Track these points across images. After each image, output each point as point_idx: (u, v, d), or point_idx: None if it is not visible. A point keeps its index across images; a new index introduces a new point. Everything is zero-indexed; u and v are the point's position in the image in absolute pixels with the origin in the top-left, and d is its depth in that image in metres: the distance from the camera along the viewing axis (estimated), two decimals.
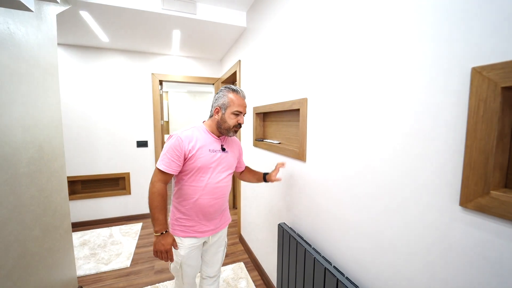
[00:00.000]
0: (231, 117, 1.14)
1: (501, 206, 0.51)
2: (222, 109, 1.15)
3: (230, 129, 1.16)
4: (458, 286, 0.60)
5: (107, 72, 2.80)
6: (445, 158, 0.62)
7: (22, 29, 1.17)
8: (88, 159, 2.81)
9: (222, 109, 1.15)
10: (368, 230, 0.87)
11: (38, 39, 1.32)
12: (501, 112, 0.52)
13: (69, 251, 1.64)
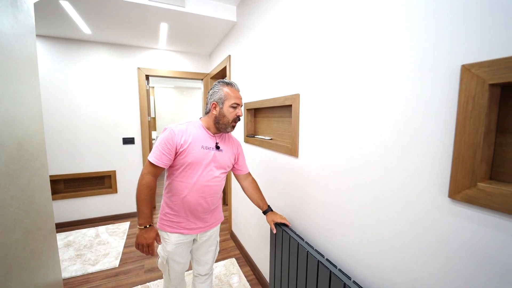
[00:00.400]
0: (229, 110, 1.12)
1: (487, 197, 0.54)
2: (220, 103, 1.12)
3: (229, 124, 1.13)
4: (447, 275, 0.63)
5: (91, 66, 2.67)
6: (435, 152, 0.64)
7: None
8: (71, 157, 2.70)
9: (219, 104, 1.12)
10: (358, 222, 0.89)
11: (14, 29, 1.23)
12: (488, 108, 0.54)
13: (53, 253, 1.57)
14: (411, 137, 0.70)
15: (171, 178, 1.15)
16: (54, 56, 2.53)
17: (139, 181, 1.08)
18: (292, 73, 1.29)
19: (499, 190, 0.52)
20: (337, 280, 0.89)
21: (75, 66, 2.61)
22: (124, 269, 1.97)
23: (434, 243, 0.65)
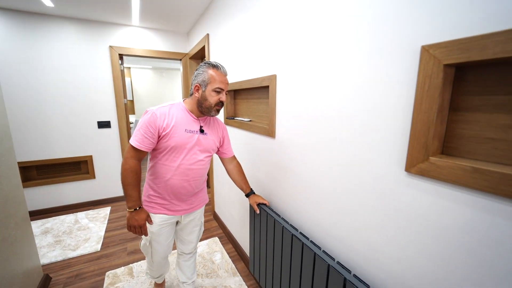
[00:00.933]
0: (212, 94, 1.07)
1: (436, 169, 0.60)
2: (202, 86, 1.08)
3: (212, 108, 1.10)
4: (403, 242, 0.70)
5: (57, 44, 2.46)
6: (395, 129, 0.68)
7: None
8: (41, 142, 2.55)
9: (202, 86, 1.08)
10: (330, 197, 0.95)
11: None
12: (442, 87, 0.58)
13: (29, 239, 1.53)
14: (375, 115, 0.74)
15: (154, 161, 1.14)
16: (14, 33, 2.29)
17: (122, 165, 1.06)
18: (269, 54, 1.28)
19: (447, 163, 0.58)
20: (309, 251, 0.96)
21: (39, 44, 2.39)
22: (106, 252, 1.98)
23: (394, 214, 0.72)
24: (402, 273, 0.71)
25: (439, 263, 0.62)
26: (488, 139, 0.56)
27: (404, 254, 0.70)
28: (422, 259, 0.65)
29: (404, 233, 0.69)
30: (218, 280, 1.67)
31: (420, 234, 0.65)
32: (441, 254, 0.61)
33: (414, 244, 0.67)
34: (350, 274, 0.81)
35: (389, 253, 0.74)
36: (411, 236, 0.67)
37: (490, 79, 0.55)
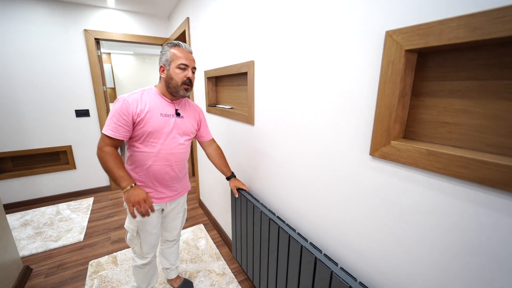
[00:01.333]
0: (176, 72, 1.05)
1: (396, 153, 0.63)
2: (166, 65, 1.06)
3: (179, 87, 1.07)
4: (369, 218, 0.74)
5: (26, 27, 2.29)
6: (363, 114, 0.70)
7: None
8: (15, 132, 2.43)
9: (166, 66, 1.06)
10: (303, 180, 0.98)
11: None
12: (404, 72, 0.60)
13: (4, 231, 1.50)
14: (346, 100, 0.75)
15: (132, 150, 1.11)
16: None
17: (98, 154, 1.01)
18: (247, 40, 1.25)
19: (405, 146, 0.60)
20: (284, 234, 1.00)
21: (6, 26, 2.22)
22: (90, 242, 1.96)
23: (360, 195, 0.75)
24: (366, 249, 0.75)
25: (396, 239, 0.66)
26: (444, 123, 0.58)
27: (366, 231, 0.74)
28: (381, 235, 0.70)
29: (368, 212, 0.73)
30: (202, 264, 1.71)
31: (381, 213, 0.69)
32: (398, 231, 0.65)
33: (375, 221, 0.71)
34: (321, 254, 0.85)
35: (353, 231, 0.78)
36: (374, 215, 0.71)
37: (448, 65, 0.57)
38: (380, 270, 0.72)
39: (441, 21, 0.51)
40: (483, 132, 0.52)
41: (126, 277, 1.58)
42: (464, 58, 0.54)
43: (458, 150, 0.54)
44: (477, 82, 0.52)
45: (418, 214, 0.61)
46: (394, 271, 0.68)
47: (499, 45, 0.49)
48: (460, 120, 0.56)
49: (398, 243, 0.66)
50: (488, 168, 0.47)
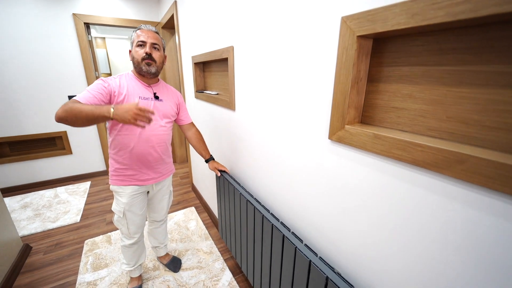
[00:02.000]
0: (136, 50, 1.09)
1: (350, 136, 0.66)
2: (131, 48, 1.11)
3: (140, 63, 1.10)
4: (328, 196, 0.78)
5: (13, 10, 2.26)
6: (324, 100, 0.73)
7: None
8: (10, 118, 2.47)
9: (131, 48, 1.11)
10: (277, 163, 1.02)
11: None
12: (357, 58, 0.61)
13: (3, 212, 1.58)
14: (311, 86, 0.77)
15: (114, 134, 1.14)
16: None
17: (63, 110, 0.88)
18: (227, 25, 1.25)
19: (356, 130, 0.63)
20: (259, 213, 1.05)
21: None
22: (86, 223, 2.06)
23: (320, 176, 0.79)
24: (323, 224, 0.80)
25: (348, 215, 0.71)
26: (394, 108, 0.61)
27: (327, 210, 0.79)
28: (336, 212, 0.74)
29: (327, 191, 0.77)
30: (191, 244, 1.80)
31: (337, 192, 0.73)
32: (350, 209, 0.70)
33: (333, 199, 0.76)
34: (289, 232, 0.91)
35: (315, 209, 0.83)
36: (331, 193, 0.75)
37: (399, 50, 0.58)
38: (335, 243, 0.77)
39: (386, 7, 0.52)
40: (425, 117, 0.55)
41: (119, 255, 1.68)
42: (414, 44, 0.55)
43: (401, 134, 0.57)
44: (423, 68, 0.54)
45: (365, 193, 0.65)
46: (346, 241, 0.73)
47: (441, 30, 0.50)
48: (407, 105, 0.58)
49: (350, 219, 0.71)
50: (421, 150, 0.51)
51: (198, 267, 1.59)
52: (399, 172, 0.56)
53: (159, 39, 1.15)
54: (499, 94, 0.43)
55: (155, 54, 1.12)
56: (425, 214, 0.53)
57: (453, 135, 0.51)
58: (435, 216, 0.51)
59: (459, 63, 0.48)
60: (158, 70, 1.17)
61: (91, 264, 1.61)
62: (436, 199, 0.50)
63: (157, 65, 1.14)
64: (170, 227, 1.99)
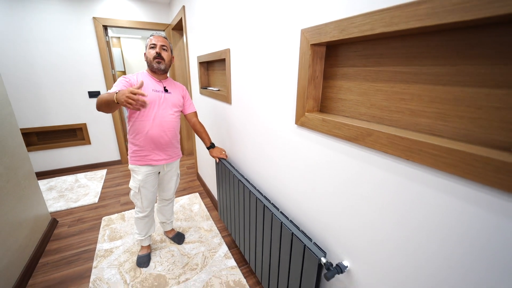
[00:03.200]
0: (149, 51, 1.35)
1: (308, 121, 0.85)
2: (146, 50, 1.37)
3: (152, 61, 1.35)
4: (294, 169, 0.98)
5: (44, 15, 2.56)
6: (293, 93, 0.92)
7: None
8: (39, 110, 2.79)
9: (146, 51, 1.37)
10: (260, 150, 1.22)
11: None
12: (312, 61, 0.81)
13: (35, 190, 1.86)
14: (285, 82, 0.97)
15: (132, 120, 1.38)
16: (4, 4, 2.40)
17: (96, 104, 1.16)
18: (225, 30, 1.45)
19: (312, 116, 0.83)
20: (253, 195, 1.26)
21: (28, 16, 2.50)
22: (103, 204, 2.34)
23: (289, 153, 0.99)
24: (291, 191, 1.00)
25: (308, 181, 0.90)
26: (339, 99, 0.80)
27: (294, 182, 0.99)
28: (299, 181, 0.94)
29: (294, 165, 0.97)
30: (193, 223, 2.03)
31: (300, 166, 0.93)
32: (309, 179, 0.89)
33: (298, 172, 0.95)
34: (278, 211, 1.11)
35: (288, 181, 1.03)
36: (296, 166, 0.95)
37: (341, 55, 0.77)
38: (301, 207, 0.97)
39: (326, 24, 0.71)
40: (358, 105, 0.74)
41: (131, 229, 1.93)
42: (350, 50, 0.74)
43: (341, 118, 0.76)
44: (355, 68, 0.73)
45: (317, 163, 0.84)
46: (307, 203, 0.93)
47: (365, 41, 0.69)
48: (347, 96, 0.77)
49: (310, 187, 0.90)
50: (348, 129, 0.70)
51: (199, 241, 1.82)
52: (337, 146, 0.76)
53: (167, 42, 1.38)
54: (398, 87, 0.62)
55: (163, 54, 1.36)
56: (351, 173, 0.72)
57: (374, 118, 0.70)
58: (358, 173, 0.70)
59: (376, 65, 0.67)
60: (167, 68, 1.40)
61: (108, 236, 1.87)
62: (358, 164, 0.70)
63: (165, 63, 1.38)
64: (176, 209, 2.23)
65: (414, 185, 0.57)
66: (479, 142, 0.49)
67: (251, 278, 1.52)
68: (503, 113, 0.45)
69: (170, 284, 1.46)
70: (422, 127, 0.58)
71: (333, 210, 0.83)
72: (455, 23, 0.45)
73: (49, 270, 1.57)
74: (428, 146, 0.51)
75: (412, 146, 0.54)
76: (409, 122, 0.61)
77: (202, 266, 1.59)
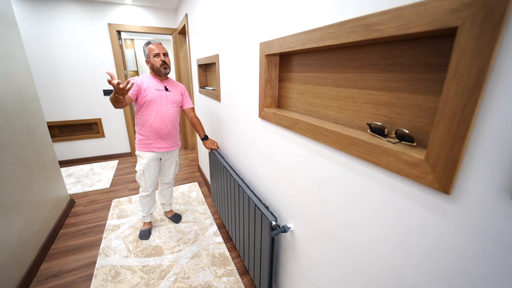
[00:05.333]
0: (154, 59, 1.60)
1: (266, 115, 1.08)
2: (148, 58, 1.61)
3: (159, 68, 1.61)
4: (256, 154, 1.21)
5: (66, 23, 2.91)
6: (256, 93, 1.16)
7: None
8: (60, 107, 3.16)
9: (148, 58, 1.61)
10: (239, 137, 1.46)
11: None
12: (267, 67, 1.03)
13: (58, 173, 2.19)
14: (253, 84, 1.20)
15: (139, 114, 1.67)
16: (34, 14, 2.76)
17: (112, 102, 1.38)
18: (215, 37, 1.70)
19: (268, 110, 1.06)
20: (228, 174, 1.51)
21: (52, 23, 2.86)
22: (114, 189, 2.66)
23: (255, 141, 1.22)
24: (257, 170, 1.24)
25: (267, 161, 1.13)
26: (288, 97, 1.03)
27: (258, 162, 1.22)
28: (262, 161, 1.17)
29: (257, 148, 1.20)
30: (190, 207, 2.30)
31: (262, 150, 1.16)
32: (267, 159, 1.13)
33: (259, 154, 1.19)
34: (248, 189, 1.35)
35: (256, 163, 1.26)
36: (258, 149, 1.18)
37: (288, 63, 1.00)
38: (264, 183, 1.20)
39: (272, 40, 0.94)
40: (298, 101, 0.96)
41: (136, 210, 2.23)
42: (294, 59, 0.97)
43: (286, 112, 0.99)
44: (296, 74, 0.95)
45: (273, 147, 1.07)
46: (268, 179, 1.16)
47: (299, 53, 0.91)
48: (292, 95, 1.00)
49: (268, 167, 1.13)
50: (286, 119, 0.92)
51: (193, 221, 2.09)
52: (281, 132, 0.99)
53: (165, 48, 1.64)
54: (317, 88, 0.84)
55: (166, 60, 1.63)
56: (293, 152, 0.95)
57: (307, 111, 0.92)
58: (293, 152, 0.93)
59: (305, 71, 0.89)
60: (169, 71, 1.67)
61: (116, 215, 2.17)
62: (292, 146, 0.92)
63: (169, 67, 1.65)
64: (176, 195, 2.51)
65: (320, 158, 0.79)
66: (353, 126, 0.71)
67: (234, 252, 1.76)
68: (367, 106, 0.66)
69: (165, 253, 1.73)
70: (330, 117, 0.80)
71: (281, 182, 1.05)
72: (334, 45, 0.67)
73: (67, 239, 1.88)
74: (323, 130, 0.74)
75: (316, 130, 0.77)
76: (324, 114, 0.83)
77: (194, 241, 1.85)
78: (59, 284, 1.48)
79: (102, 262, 1.64)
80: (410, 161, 0.50)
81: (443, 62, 0.47)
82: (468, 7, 0.37)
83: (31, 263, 1.56)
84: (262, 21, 1.03)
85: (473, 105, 0.38)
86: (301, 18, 0.80)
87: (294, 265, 1.06)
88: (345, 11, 0.62)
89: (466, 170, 0.42)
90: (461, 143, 0.41)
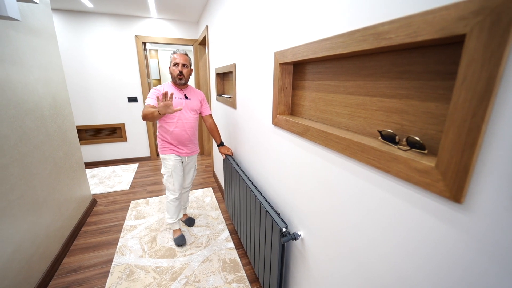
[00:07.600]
0: (173, 68, 1.68)
1: (279, 122, 1.10)
2: (170, 65, 1.70)
3: (175, 78, 1.69)
4: (270, 159, 1.23)
5: (97, 35, 3.17)
6: (270, 100, 1.18)
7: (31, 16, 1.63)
8: (88, 112, 3.39)
9: (170, 66, 1.70)
10: (252, 144, 1.48)
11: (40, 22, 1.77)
12: (281, 76, 1.06)
13: (83, 174, 2.34)
14: (267, 91, 1.23)
15: (161, 122, 1.75)
16: (68, 27, 3.04)
17: (143, 116, 1.55)
18: (232, 47, 1.77)
19: (281, 117, 1.08)
20: (242, 180, 1.53)
21: (85, 35, 3.13)
22: (133, 191, 2.77)
23: (269, 148, 1.24)
24: (269, 177, 1.24)
25: (278, 170, 1.14)
26: (301, 105, 1.04)
27: (271, 169, 1.23)
28: (274, 168, 1.18)
29: (271, 156, 1.22)
30: (204, 211, 2.34)
31: (273, 157, 1.17)
32: (279, 166, 1.13)
33: (271, 160, 1.20)
34: (261, 195, 1.36)
35: (269, 168, 1.28)
36: (271, 156, 1.20)
37: (302, 72, 1.02)
38: (276, 191, 1.21)
39: (286, 49, 0.97)
40: (310, 109, 0.98)
41: (152, 211, 2.30)
42: (307, 67, 0.99)
43: (298, 119, 1.00)
44: (309, 82, 0.97)
45: (285, 152, 1.08)
46: (279, 187, 1.16)
47: (313, 62, 0.93)
48: (304, 103, 1.01)
49: (280, 173, 1.14)
50: (298, 126, 0.94)
51: (206, 226, 2.12)
52: (292, 139, 1.00)
53: (187, 59, 1.72)
54: (329, 96, 0.85)
55: (184, 71, 1.70)
56: (304, 158, 0.95)
57: (319, 118, 0.93)
58: (304, 158, 0.93)
59: (318, 79, 0.91)
60: (186, 81, 1.75)
61: (134, 216, 2.26)
62: (303, 152, 0.93)
63: (185, 78, 1.73)
64: (191, 199, 2.57)
65: (330, 165, 0.79)
66: (364, 133, 0.70)
67: (245, 258, 1.76)
68: (378, 114, 0.66)
69: (178, 256, 1.76)
70: (342, 124, 0.80)
71: (292, 188, 1.05)
72: (345, 54, 0.68)
73: (88, 236, 1.98)
74: (334, 137, 0.74)
75: (327, 137, 0.77)
76: (336, 121, 0.83)
77: (206, 245, 1.88)
78: (78, 279, 1.56)
79: (118, 260, 1.71)
80: (420, 169, 0.49)
81: (454, 70, 0.47)
82: (476, 14, 0.37)
83: (55, 256, 1.65)
84: (276, 31, 1.07)
85: (483, 112, 0.38)
86: (313, 28, 0.82)
87: (304, 275, 1.04)
88: (355, 21, 0.64)
89: (478, 178, 0.41)
90: (471, 151, 0.40)
